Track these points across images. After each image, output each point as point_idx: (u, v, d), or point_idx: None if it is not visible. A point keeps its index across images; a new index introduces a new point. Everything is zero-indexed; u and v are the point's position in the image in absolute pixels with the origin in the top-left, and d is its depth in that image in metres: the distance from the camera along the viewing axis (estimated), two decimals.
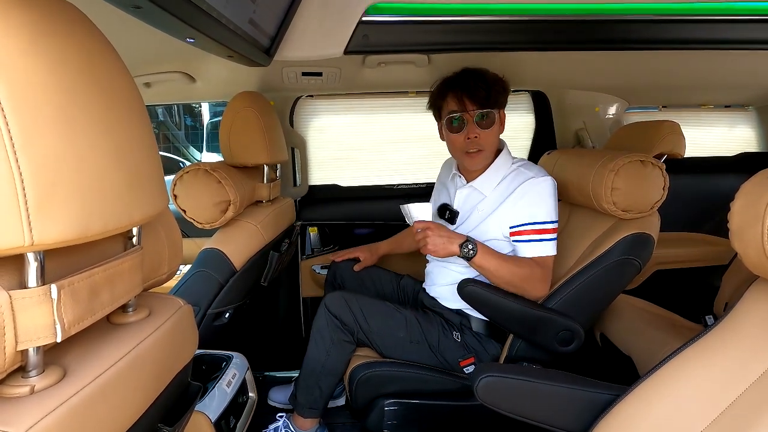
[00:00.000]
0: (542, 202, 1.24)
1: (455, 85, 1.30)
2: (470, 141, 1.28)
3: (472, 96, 1.26)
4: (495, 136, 1.31)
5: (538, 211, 1.23)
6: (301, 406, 1.34)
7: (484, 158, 1.32)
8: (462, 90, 1.27)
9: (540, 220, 1.23)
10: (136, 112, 0.47)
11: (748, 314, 0.69)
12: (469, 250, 1.19)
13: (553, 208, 1.25)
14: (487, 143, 1.29)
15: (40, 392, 0.38)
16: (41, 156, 0.34)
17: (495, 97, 1.27)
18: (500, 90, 1.29)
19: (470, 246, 1.19)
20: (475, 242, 1.21)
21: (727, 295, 1.42)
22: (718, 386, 0.66)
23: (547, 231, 1.23)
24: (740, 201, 0.65)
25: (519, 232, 1.24)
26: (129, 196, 0.44)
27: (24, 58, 0.34)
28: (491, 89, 1.26)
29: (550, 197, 1.25)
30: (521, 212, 1.24)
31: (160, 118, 7.37)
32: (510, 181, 1.29)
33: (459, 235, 1.22)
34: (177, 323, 0.57)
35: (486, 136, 1.28)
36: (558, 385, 0.90)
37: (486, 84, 1.26)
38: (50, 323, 0.37)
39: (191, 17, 0.67)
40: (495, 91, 1.27)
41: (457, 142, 1.31)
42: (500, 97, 1.29)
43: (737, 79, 1.80)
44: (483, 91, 1.25)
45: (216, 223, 1.27)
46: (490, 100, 1.26)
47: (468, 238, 1.21)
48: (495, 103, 1.27)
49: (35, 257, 0.36)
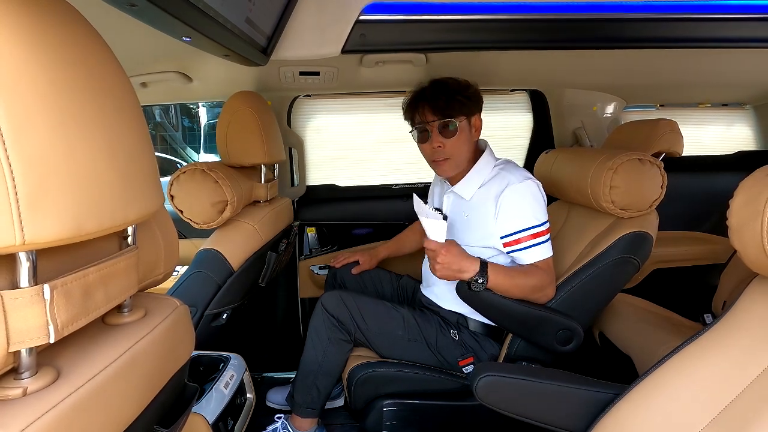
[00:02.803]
0: (528, 207, 1.21)
1: (418, 96, 1.32)
2: (435, 150, 1.29)
3: (433, 106, 1.27)
4: (462, 143, 1.28)
5: (525, 216, 1.21)
6: (298, 406, 1.33)
7: (454, 166, 1.31)
8: (423, 101, 1.29)
9: (530, 225, 1.20)
10: (130, 110, 0.46)
11: (747, 312, 0.69)
12: (479, 285, 1.15)
13: (540, 210, 1.22)
14: (453, 152, 1.28)
15: (33, 394, 0.38)
16: (32, 153, 0.33)
17: (457, 106, 1.25)
18: (464, 98, 1.27)
19: (480, 281, 1.15)
20: (486, 270, 1.16)
21: (725, 294, 1.42)
22: (717, 384, 0.66)
23: (541, 233, 1.21)
24: (739, 198, 0.65)
25: (513, 241, 1.22)
26: (124, 194, 0.43)
27: (15, 54, 0.33)
28: (453, 98, 1.25)
29: (534, 200, 1.22)
30: (510, 221, 1.22)
31: (157, 119, 7.36)
32: (490, 186, 1.27)
33: (471, 263, 1.16)
34: (173, 324, 0.56)
35: (451, 145, 1.27)
36: (558, 384, 0.90)
37: (447, 93, 1.26)
38: (43, 324, 0.36)
39: (187, 16, 0.67)
40: (457, 101, 1.25)
41: (425, 152, 1.33)
42: (464, 106, 1.27)
43: (734, 77, 1.80)
44: (442, 102, 1.25)
45: (213, 223, 1.26)
46: (450, 109, 1.25)
47: (480, 267, 1.15)
48: (458, 112, 1.26)
49: (27, 257, 0.36)
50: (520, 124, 2.11)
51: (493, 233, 1.24)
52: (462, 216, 1.33)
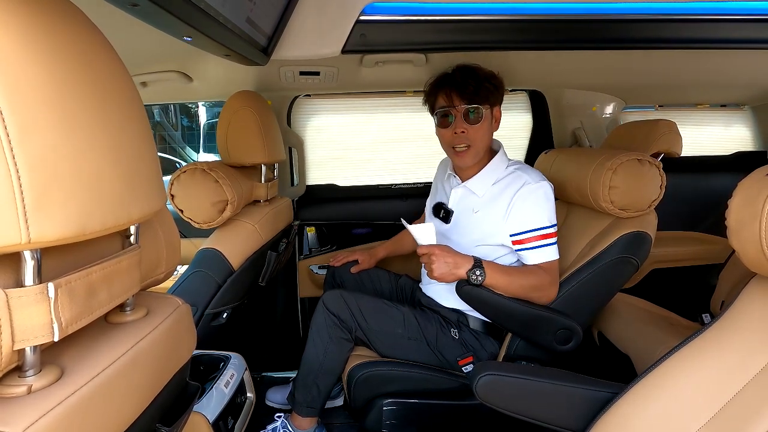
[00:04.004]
0: (541, 208, 1.23)
1: (445, 80, 1.31)
2: (457, 136, 1.28)
3: (461, 91, 1.26)
4: (485, 132, 1.29)
5: (538, 217, 1.22)
6: (299, 405, 1.33)
7: (474, 155, 1.30)
8: (451, 86, 1.28)
9: (541, 225, 1.22)
10: (133, 109, 0.46)
11: (746, 312, 0.70)
12: (477, 277, 1.16)
13: (552, 212, 1.24)
14: (475, 139, 1.28)
15: (37, 392, 0.38)
16: (38, 153, 0.34)
17: (484, 94, 1.26)
18: (492, 87, 1.28)
19: (478, 272, 1.16)
20: (481, 264, 1.17)
21: (723, 294, 1.43)
22: (715, 384, 0.66)
23: (550, 235, 1.22)
24: (738, 198, 0.65)
25: (522, 240, 1.23)
26: (127, 194, 0.44)
27: (20, 54, 0.34)
28: (481, 85, 1.26)
29: (548, 202, 1.24)
30: (521, 220, 1.23)
31: (157, 119, 7.36)
32: (506, 185, 1.28)
33: (465, 258, 1.18)
34: (175, 323, 0.56)
35: (474, 132, 1.27)
36: (557, 384, 0.90)
37: (476, 79, 1.26)
38: (47, 322, 0.36)
39: (189, 15, 0.67)
40: (485, 88, 1.26)
41: (445, 137, 1.32)
42: (491, 94, 1.28)
43: (733, 78, 1.81)
44: (471, 87, 1.25)
45: (213, 222, 1.26)
46: (478, 95, 1.25)
47: (475, 261, 1.18)
48: (484, 99, 1.26)
49: (32, 255, 0.36)
50: (520, 124, 2.12)
51: (501, 231, 1.25)
52: (471, 212, 1.33)
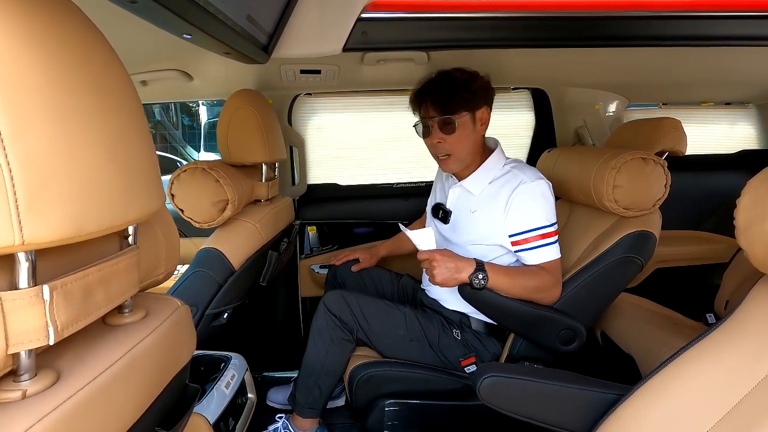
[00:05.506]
0: (539, 207, 1.21)
1: (422, 91, 1.30)
2: (435, 146, 1.29)
3: (434, 102, 1.26)
4: (465, 139, 1.26)
5: (536, 217, 1.21)
6: (300, 406, 1.33)
7: (457, 162, 1.30)
8: (426, 96, 1.28)
9: (540, 225, 1.20)
10: (131, 108, 0.45)
11: (753, 314, 0.69)
12: (480, 281, 1.14)
13: (551, 211, 1.22)
14: (454, 148, 1.27)
15: (32, 397, 0.37)
16: (31, 151, 0.33)
17: (460, 102, 1.23)
18: (469, 94, 1.24)
19: (480, 276, 1.14)
20: (484, 267, 1.16)
21: (728, 293, 1.42)
22: (723, 386, 0.65)
23: (549, 234, 1.20)
24: (747, 197, 0.64)
25: (521, 240, 1.21)
26: (124, 193, 0.43)
27: (13, 51, 0.33)
28: (456, 94, 1.23)
29: (545, 200, 1.22)
30: (520, 220, 1.21)
31: (157, 118, 7.36)
32: (502, 184, 1.26)
33: (467, 262, 1.16)
34: (174, 324, 0.56)
35: (452, 141, 1.26)
36: (561, 385, 0.89)
37: (451, 89, 1.23)
38: (42, 325, 0.36)
39: (188, 13, 0.66)
40: (461, 96, 1.23)
41: (429, 147, 1.34)
42: (469, 102, 1.24)
43: (737, 76, 1.80)
44: (443, 98, 1.24)
45: (214, 222, 1.26)
46: (453, 104, 1.23)
47: (477, 264, 1.16)
48: (460, 107, 1.23)
49: (26, 257, 0.35)
50: (522, 122, 2.10)
51: (500, 231, 1.24)
52: (468, 212, 1.32)
